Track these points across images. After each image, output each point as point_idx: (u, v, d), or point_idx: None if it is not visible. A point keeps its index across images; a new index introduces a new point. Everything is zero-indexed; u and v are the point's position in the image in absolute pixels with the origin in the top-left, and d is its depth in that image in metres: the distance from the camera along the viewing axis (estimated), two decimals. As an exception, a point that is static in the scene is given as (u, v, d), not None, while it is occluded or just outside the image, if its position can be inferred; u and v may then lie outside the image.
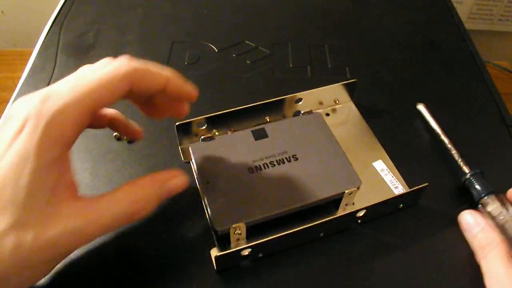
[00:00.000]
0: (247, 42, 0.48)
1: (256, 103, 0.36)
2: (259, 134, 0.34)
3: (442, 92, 0.43)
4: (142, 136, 0.34)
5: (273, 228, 0.30)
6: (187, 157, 0.35)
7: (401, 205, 0.33)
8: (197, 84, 0.43)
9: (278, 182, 0.31)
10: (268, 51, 0.47)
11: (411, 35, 0.50)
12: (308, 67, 0.46)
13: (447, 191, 0.34)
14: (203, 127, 0.36)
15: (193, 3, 0.54)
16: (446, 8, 0.55)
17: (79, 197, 0.25)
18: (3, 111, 0.40)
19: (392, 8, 0.54)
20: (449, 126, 0.38)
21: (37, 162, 0.22)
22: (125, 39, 0.48)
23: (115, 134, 0.37)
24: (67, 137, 0.24)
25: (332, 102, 0.40)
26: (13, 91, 0.42)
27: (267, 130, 0.34)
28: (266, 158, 0.33)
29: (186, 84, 0.28)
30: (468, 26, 0.63)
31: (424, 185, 0.31)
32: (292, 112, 0.39)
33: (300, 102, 0.39)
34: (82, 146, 0.36)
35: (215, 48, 0.47)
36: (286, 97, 0.38)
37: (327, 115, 0.40)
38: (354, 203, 0.33)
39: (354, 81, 0.40)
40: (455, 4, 0.56)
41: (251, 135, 0.34)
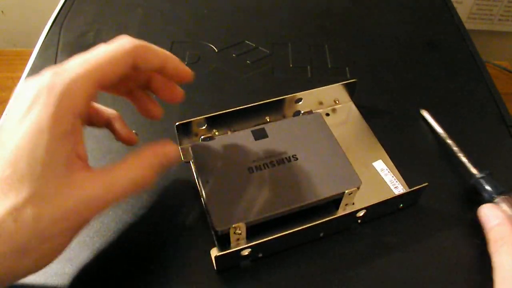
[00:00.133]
0: (247, 42, 0.48)
1: (256, 103, 0.36)
2: (259, 134, 0.34)
3: (442, 92, 0.43)
4: (136, 141, 0.34)
5: (273, 228, 0.30)
6: (187, 157, 0.35)
7: (401, 205, 0.33)
8: (197, 84, 0.43)
9: (278, 182, 0.31)
10: (268, 51, 0.47)
11: (411, 35, 0.50)
12: (308, 67, 0.46)
13: (447, 191, 0.34)
14: (203, 127, 0.36)
15: (193, 3, 0.54)
16: (446, 8, 0.55)
17: (91, 168, 0.26)
18: (3, 111, 0.40)
19: (392, 8, 0.54)
20: (449, 126, 0.38)
21: (52, 133, 0.23)
22: (125, 39, 0.48)
23: (115, 134, 0.37)
24: (79, 108, 0.24)
25: (332, 102, 0.40)
26: (13, 91, 0.42)
27: (267, 130, 0.34)
28: (266, 158, 0.33)
29: (182, 63, 0.30)
30: (468, 26, 0.63)
31: (424, 185, 0.31)
32: (292, 112, 0.39)
33: (300, 102, 0.39)
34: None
35: (215, 48, 0.47)
36: (286, 97, 0.38)
37: (327, 115, 0.40)
38: (354, 203, 0.33)
39: (354, 81, 0.40)
40: (455, 4, 0.56)
41: (251, 135, 0.34)
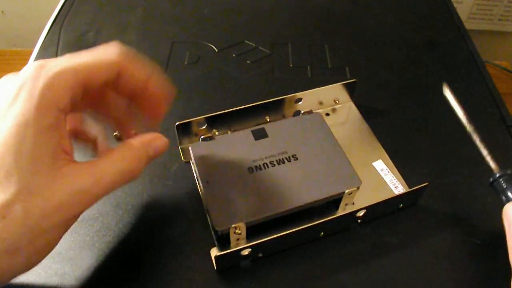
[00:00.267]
0: (247, 42, 0.48)
1: (256, 103, 0.36)
2: (259, 134, 0.34)
3: (442, 92, 0.43)
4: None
5: (273, 228, 0.30)
6: (187, 157, 0.35)
7: (401, 205, 0.33)
8: (197, 84, 0.43)
9: (278, 182, 0.31)
10: (268, 51, 0.47)
11: (411, 35, 0.50)
12: (308, 67, 0.46)
13: (447, 191, 0.34)
14: (203, 127, 0.36)
15: (193, 3, 0.54)
16: (446, 8, 0.55)
17: (77, 161, 0.25)
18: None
19: (392, 8, 0.54)
20: (449, 126, 0.38)
21: (37, 126, 0.22)
22: (125, 39, 0.48)
23: (115, 134, 0.37)
24: (64, 102, 0.24)
25: (332, 102, 0.40)
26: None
27: (267, 130, 0.34)
28: (266, 158, 0.33)
29: (166, 81, 0.29)
30: (468, 26, 0.63)
31: (424, 185, 0.31)
32: (292, 112, 0.39)
33: (300, 102, 0.39)
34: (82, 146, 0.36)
35: (215, 48, 0.47)
36: (286, 97, 0.38)
37: (327, 115, 0.40)
38: (354, 203, 0.33)
39: (354, 81, 0.40)
40: (455, 4, 0.56)
41: (251, 135, 0.34)
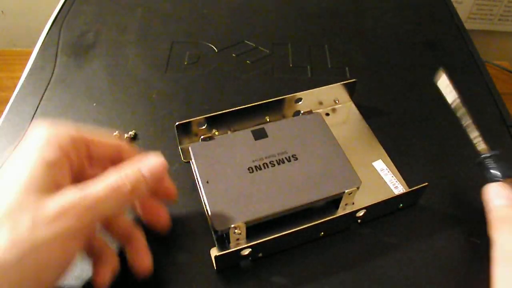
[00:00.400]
0: (247, 42, 0.48)
1: (256, 103, 0.36)
2: (259, 134, 0.34)
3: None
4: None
5: (273, 228, 0.30)
6: (187, 157, 0.35)
7: (401, 205, 0.33)
8: (197, 84, 0.43)
9: (278, 182, 0.31)
10: (268, 51, 0.47)
11: (411, 35, 0.50)
12: (308, 67, 0.46)
13: (447, 191, 0.34)
14: (203, 127, 0.36)
15: (193, 3, 0.54)
16: (446, 8, 0.55)
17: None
18: (3, 111, 0.40)
19: (392, 8, 0.54)
20: (449, 126, 0.38)
21: (36, 160, 0.25)
22: (125, 39, 0.48)
23: (115, 134, 0.37)
24: (65, 143, 0.26)
25: (332, 102, 0.40)
26: (13, 91, 0.42)
27: (267, 130, 0.34)
28: (266, 158, 0.33)
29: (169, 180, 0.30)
30: (468, 26, 0.64)
31: (424, 185, 0.31)
32: (292, 112, 0.39)
33: (300, 102, 0.39)
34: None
35: (215, 48, 0.47)
36: (286, 97, 0.38)
37: (327, 115, 0.40)
38: (354, 203, 0.33)
39: (354, 81, 0.40)
40: (455, 4, 0.56)
41: (251, 135, 0.34)
